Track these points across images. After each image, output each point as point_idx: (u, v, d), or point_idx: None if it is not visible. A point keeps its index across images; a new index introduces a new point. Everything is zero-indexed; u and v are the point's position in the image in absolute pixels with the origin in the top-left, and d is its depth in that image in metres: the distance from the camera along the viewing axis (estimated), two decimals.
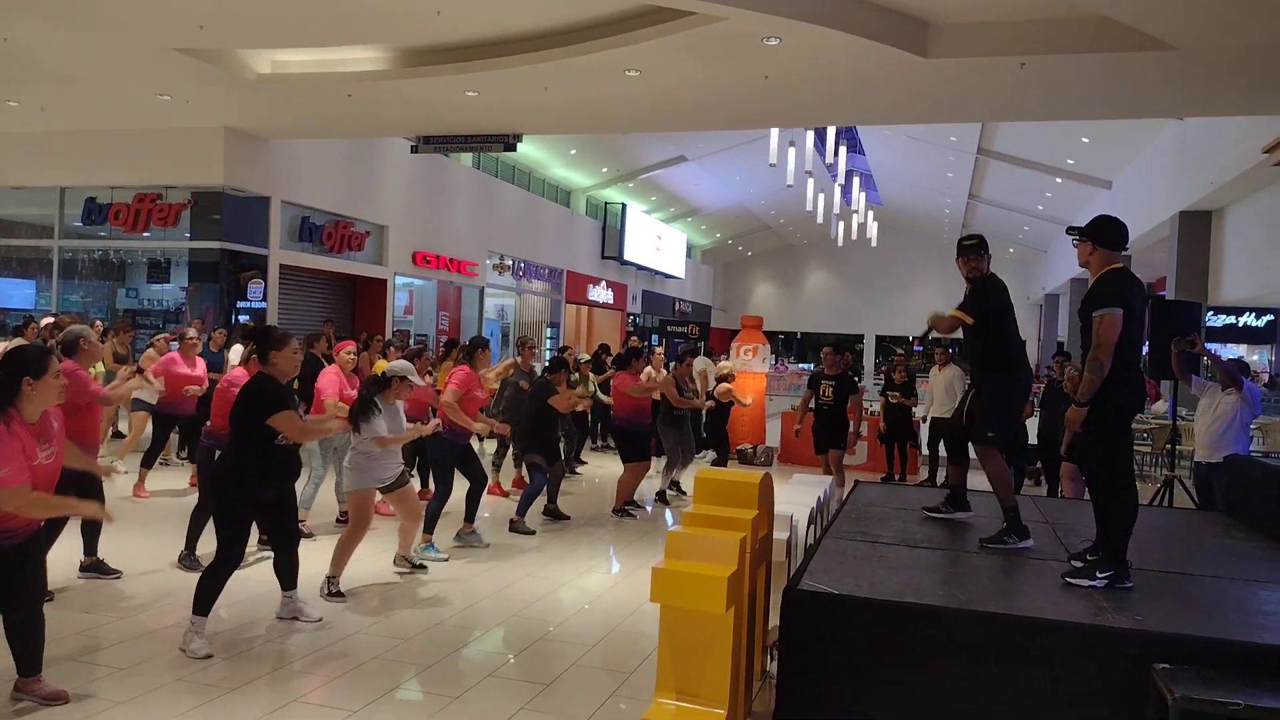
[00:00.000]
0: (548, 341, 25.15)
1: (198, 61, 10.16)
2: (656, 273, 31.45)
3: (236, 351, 9.55)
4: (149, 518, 7.24)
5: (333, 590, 5.47)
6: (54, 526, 5.21)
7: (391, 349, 10.97)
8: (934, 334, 4.71)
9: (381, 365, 9.53)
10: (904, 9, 8.26)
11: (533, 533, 7.43)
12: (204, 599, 4.47)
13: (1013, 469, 6.25)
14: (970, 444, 4.78)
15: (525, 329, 24.05)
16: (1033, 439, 9.48)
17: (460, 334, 20.90)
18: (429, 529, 6.54)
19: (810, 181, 21.01)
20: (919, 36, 8.53)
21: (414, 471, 8.22)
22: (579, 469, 10.86)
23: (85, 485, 4.89)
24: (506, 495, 9.05)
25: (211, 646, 4.45)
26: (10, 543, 3.60)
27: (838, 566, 3.93)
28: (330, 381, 6.82)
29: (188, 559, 5.91)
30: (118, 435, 10.48)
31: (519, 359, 9.11)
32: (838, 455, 8.79)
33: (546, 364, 8.46)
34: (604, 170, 25.00)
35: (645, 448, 8.64)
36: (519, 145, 13.56)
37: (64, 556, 5.38)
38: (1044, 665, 3.24)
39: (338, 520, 7.24)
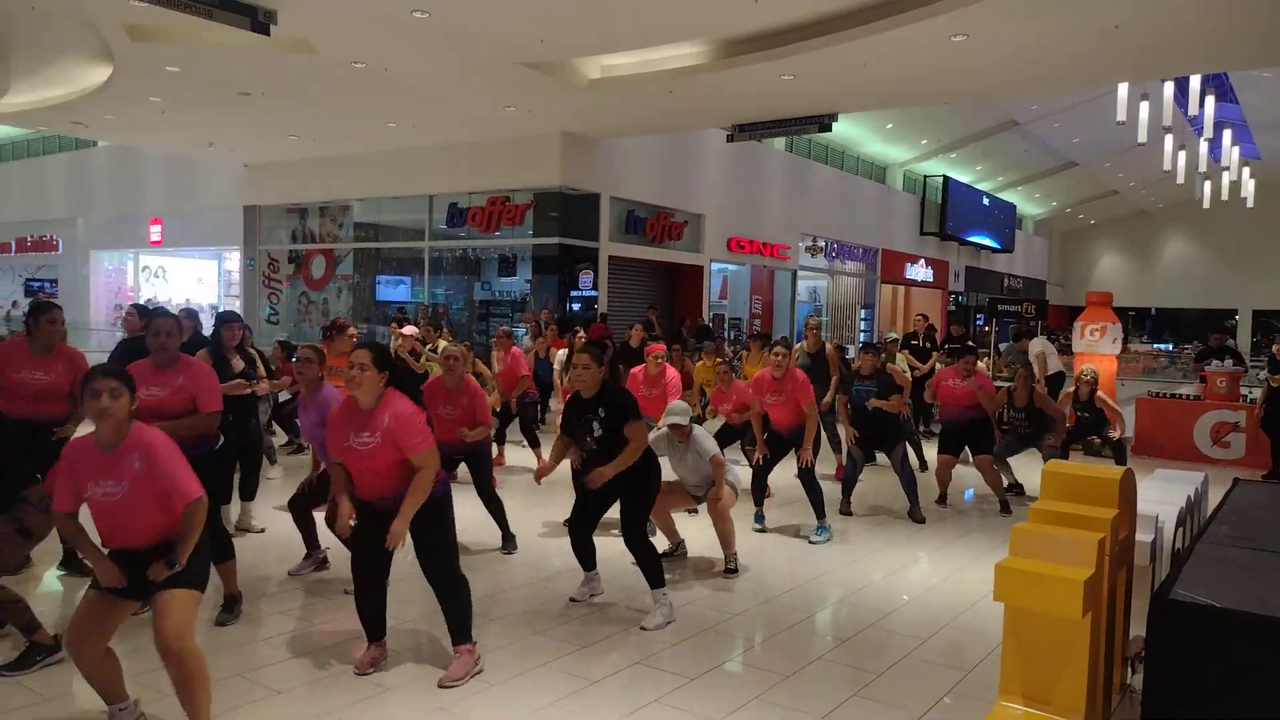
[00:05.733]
0: (862, 324, 24.60)
1: (538, 73, 11.13)
2: (982, 247, 29.53)
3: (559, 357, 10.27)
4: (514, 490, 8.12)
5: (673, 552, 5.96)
6: None
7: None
8: None
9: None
10: None
11: (851, 513, 7.35)
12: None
13: None
14: None
15: (838, 311, 23.72)
16: None
17: (773, 317, 21.08)
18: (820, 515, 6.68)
19: (1168, 138, 18.55)
20: None
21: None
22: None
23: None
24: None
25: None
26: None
27: (1216, 576, 3.46)
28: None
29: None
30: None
31: (804, 344, 9.01)
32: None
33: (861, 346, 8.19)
34: (923, 142, 23.90)
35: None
36: (833, 124, 13.37)
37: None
38: None
39: None
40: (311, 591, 5.20)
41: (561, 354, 10.18)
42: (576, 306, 15.56)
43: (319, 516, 5.35)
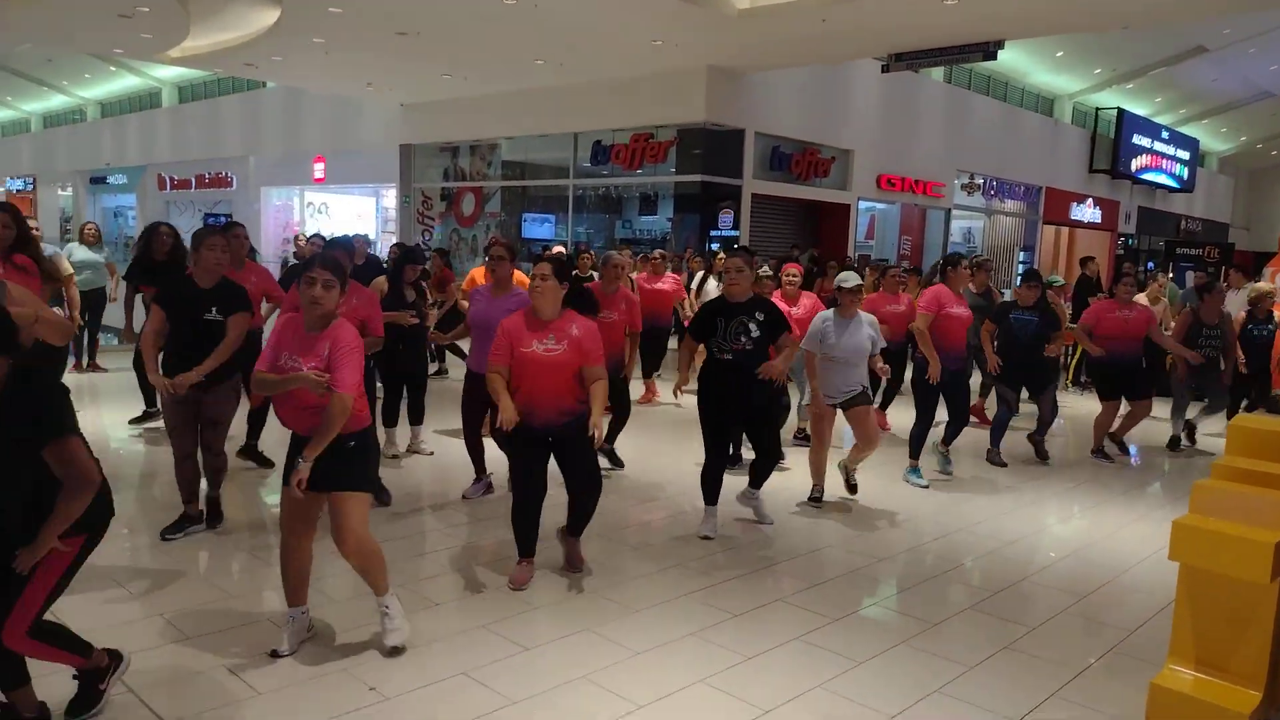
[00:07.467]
0: (1020, 267, 23.35)
1: (687, 4, 10.91)
2: (1158, 186, 27.32)
3: (712, 285, 10.23)
4: (655, 421, 8.22)
5: (812, 497, 5.89)
6: None
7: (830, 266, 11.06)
8: None
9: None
10: None
11: (1004, 464, 7.07)
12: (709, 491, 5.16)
13: None
14: None
15: (994, 253, 22.58)
16: None
17: (923, 259, 20.28)
18: (914, 454, 6.52)
19: None
20: None
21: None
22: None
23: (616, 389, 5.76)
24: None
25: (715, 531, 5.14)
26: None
27: None
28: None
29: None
30: None
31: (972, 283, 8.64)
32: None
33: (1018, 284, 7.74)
34: (1097, 72, 22.17)
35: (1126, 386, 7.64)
36: (998, 52, 12.56)
37: None
38: None
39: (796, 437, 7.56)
40: (474, 515, 5.44)
41: (701, 276, 10.34)
42: (716, 246, 15.42)
43: (489, 443, 5.56)
